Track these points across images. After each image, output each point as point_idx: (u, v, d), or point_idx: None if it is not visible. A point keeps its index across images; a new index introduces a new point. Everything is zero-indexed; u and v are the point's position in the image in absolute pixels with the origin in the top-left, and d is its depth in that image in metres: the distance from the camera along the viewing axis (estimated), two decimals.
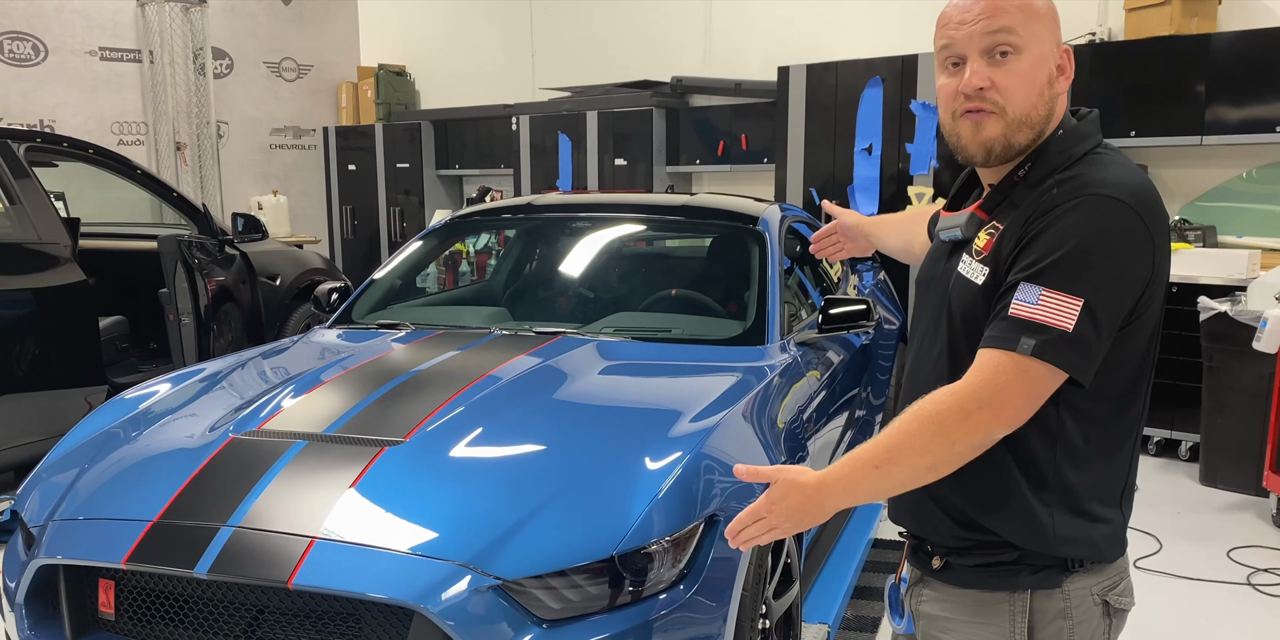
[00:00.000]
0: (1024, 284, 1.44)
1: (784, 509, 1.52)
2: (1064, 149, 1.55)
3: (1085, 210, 1.44)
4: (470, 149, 9.47)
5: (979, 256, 1.56)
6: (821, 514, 1.53)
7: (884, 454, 1.47)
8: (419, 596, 2.09)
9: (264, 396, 2.91)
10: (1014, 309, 1.44)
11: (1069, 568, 1.58)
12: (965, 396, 1.45)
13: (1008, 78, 1.51)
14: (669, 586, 2.28)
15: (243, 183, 9.95)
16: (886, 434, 1.49)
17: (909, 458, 1.46)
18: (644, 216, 4.41)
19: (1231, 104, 5.45)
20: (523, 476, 2.45)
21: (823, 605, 3.42)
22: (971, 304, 1.55)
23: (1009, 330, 1.44)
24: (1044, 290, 1.42)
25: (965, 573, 1.64)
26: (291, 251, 6.95)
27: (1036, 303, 1.42)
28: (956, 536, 1.63)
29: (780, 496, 1.51)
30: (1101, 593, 1.61)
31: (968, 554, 1.63)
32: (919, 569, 1.75)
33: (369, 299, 4.05)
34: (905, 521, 1.76)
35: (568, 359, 3.20)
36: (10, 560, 2.64)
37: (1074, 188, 1.48)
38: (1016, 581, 1.60)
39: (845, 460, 1.51)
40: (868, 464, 1.48)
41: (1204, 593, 3.89)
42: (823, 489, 1.50)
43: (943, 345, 1.61)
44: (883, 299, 5.23)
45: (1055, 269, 1.43)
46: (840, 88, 6.68)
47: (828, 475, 1.51)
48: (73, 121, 8.68)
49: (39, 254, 4.79)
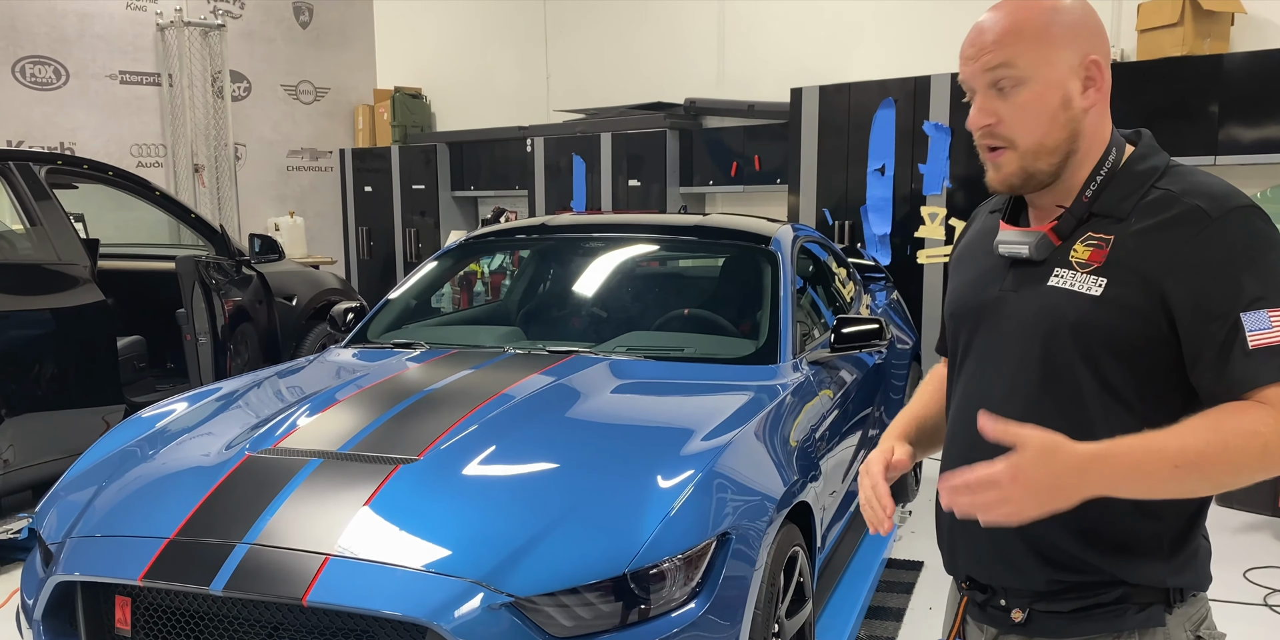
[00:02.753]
0: (1244, 315, 1.38)
1: (1031, 480, 1.26)
2: (1144, 163, 1.53)
3: (1248, 223, 1.42)
4: (485, 170, 9.53)
5: (1086, 268, 1.48)
6: (1073, 498, 1.29)
7: (1192, 457, 1.30)
8: (432, 614, 2.10)
9: (280, 415, 2.93)
10: (1255, 341, 1.37)
11: (1171, 602, 1.50)
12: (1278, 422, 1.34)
13: (1012, 111, 1.49)
14: (681, 605, 2.28)
15: (260, 204, 10.03)
16: (1196, 436, 1.32)
17: (1216, 470, 1.32)
18: (657, 237, 4.44)
19: (1245, 124, 5.46)
20: (535, 494, 2.46)
21: (836, 625, 3.41)
22: (1086, 317, 1.47)
23: (1266, 363, 1.36)
24: (1269, 312, 1.37)
25: (1059, 621, 1.52)
26: (308, 272, 7.00)
27: (1271, 326, 1.37)
28: (1050, 579, 1.52)
29: (1031, 464, 1.25)
30: (1194, 627, 1.53)
31: (1059, 599, 1.52)
32: (994, 627, 1.61)
33: (384, 319, 4.08)
34: (978, 571, 1.62)
35: (580, 378, 3.22)
36: (28, 577, 2.66)
37: (1211, 198, 1.44)
38: (1123, 622, 1.49)
39: (1135, 446, 1.31)
40: (1168, 461, 1.30)
41: (1220, 614, 3.82)
42: (1097, 464, 1.28)
43: (1030, 366, 1.52)
44: (895, 318, 5.24)
45: (1266, 288, 1.38)
46: (853, 109, 6.71)
47: (1108, 452, 1.29)
48: (93, 144, 8.77)
49: (59, 274, 4.85)
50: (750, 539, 2.48)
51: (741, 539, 2.45)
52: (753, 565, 2.46)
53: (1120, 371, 1.46)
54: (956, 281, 1.74)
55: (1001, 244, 1.59)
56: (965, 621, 1.68)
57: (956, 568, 1.66)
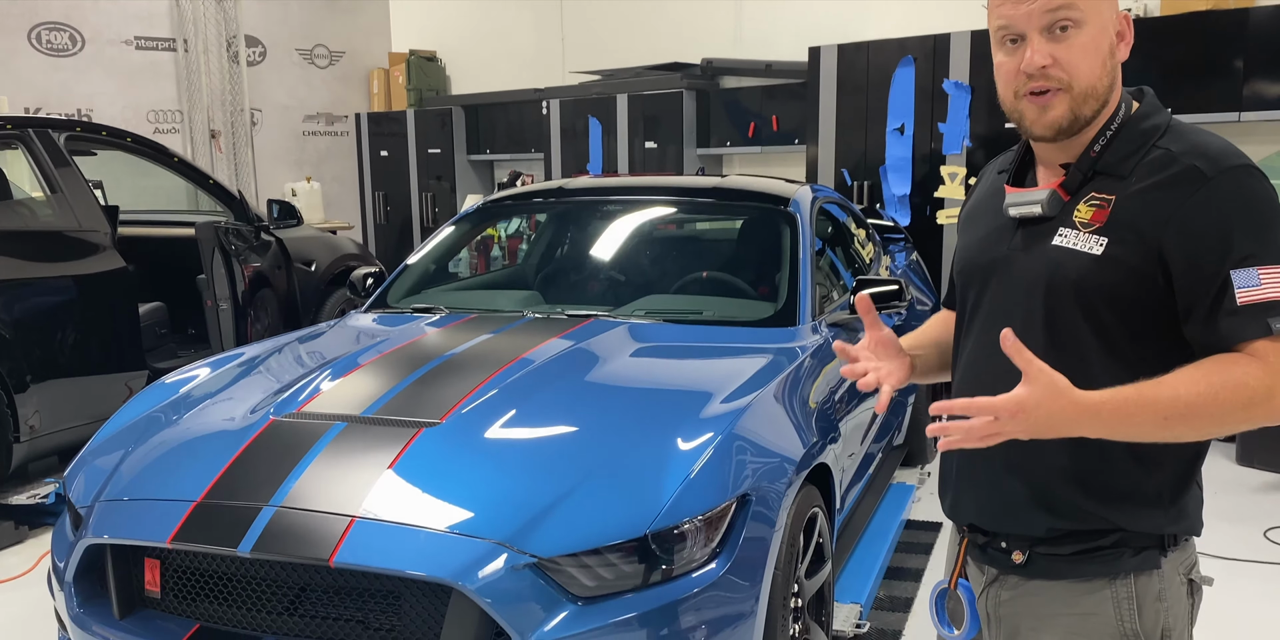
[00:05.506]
0: (1234, 272, 1.41)
1: (1034, 418, 1.34)
2: (1146, 121, 1.54)
3: (1245, 182, 1.45)
4: (501, 134, 9.49)
5: (1088, 228, 1.51)
6: (1062, 435, 1.38)
7: (1182, 408, 1.36)
8: (457, 574, 2.12)
9: (303, 380, 2.96)
10: (1243, 298, 1.41)
11: (1165, 547, 1.55)
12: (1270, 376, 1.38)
13: (1070, 52, 1.49)
14: (701, 565, 2.30)
15: (276, 169, 10.03)
16: (1187, 387, 1.37)
17: (1202, 420, 1.38)
18: (675, 199, 4.43)
19: (1270, 79, 5.38)
20: (557, 457, 2.48)
21: (855, 585, 3.44)
22: (1087, 276, 1.50)
23: (1252, 319, 1.40)
24: (1260, 270, 1.41)
25: (1057, 563, 1.58)
26: (326, 237, 7.01)
27: (1261, 283, 1.40)
28: (1050, 527, 1.57)
29: (1036, 403, 1.33)
30: (1186, 571, 1.58)
31: (1061, 543, 1.57)
32: (994, 567, 1.66)
33: (403, 284, 4.09)
34: (981, 518, 1.67)
35: (599, 342, 3.22)
36: (58, 541, 2.70)
37: (1209, 158, 1.46)
38: (1118, 565, 1.55)
39: (1129, 398, 1.37)
40: (1157, 413, 1.36)
41: (1241, 573, 3.87)
42: (1093, 414, 1.36)
43: (1035, 323, 1.55)
44: (915, 279, 5.22)
45: (1256, 246, 1.42)
46: (872, 68, 6.64)
47: (1105, 404, 1.36)
48: (110, 110, 8.77)
49: (80, 241, 4.88)
50: (770, 500, 2.49)
51: (761, 500, 2.47)
52: (772, 526, 2.48)
53: (1121, 329, 1.51)
54: (965, 240, 1.78)
55: (1011, 207, 1.62)
56: (966, 563, 1.73)
57: (959, 515, 1.72)
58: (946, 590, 1.76)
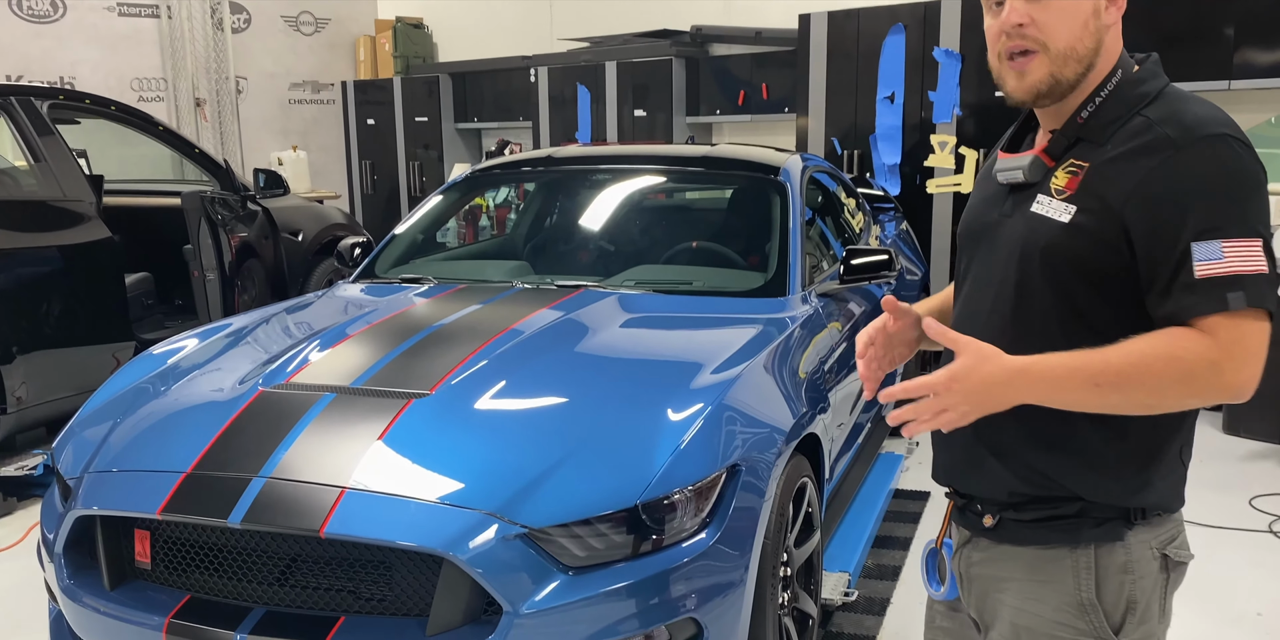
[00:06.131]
0: (1196, 244, 1.38)
1: (967, 387, 1.38)
2: (1138, 87, 1.52)
3: (1214, 152, 1.41)
4: (489, 102, 9.42)
5: (1061, 195, 1.51)
6: (1004, 404, 1.41)
7: (1112, 376, 1.37)
8: (448, 544, 2.13)
9: (291, 350, 2.94)
10: (1201, 271, 1.38)
11: (1131, 520, 1.54)
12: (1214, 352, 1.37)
13: (1047, 13, 1.49)
14: (692, 535, 2.31)
15: (262, 138, 9.95)
16: (1122, 356, 1.38)
17: (1136, 391, 1.38)
18: (665, 168, 4.40)
19: (1261, 47, 5.36)
20: (547, 428, 2.48)
21: (844, 554, 3.46)
22: (1055, 243, 1.51)
23: (1209, 293, 1.37)
24: (1223, 243, 1.38)
25: (1022, 529, 1.59)
26: (313, 207, 6.97)
27: (1223, 257, 1.37)
28: (1014, 491, 1.58)
29: (965, 372, 1.38)
30: (1161, 546, 1.57)
31: (1024, 509, 1.58)
32: (968, 529, 1.70)
33: (391, 254, 4.07)
34: (953, 480, 1.70)
35: (589, 312, 3.22)
36: (48, 512, 2.70)
37: (1183, 127, 1.43)
38: (1079, 536, 1.55)
39: (1059, 362, 1.39)
40: (1087, 379, 1.38)
41: (1226, 540, 3.91)
42: (1024, 376, 1.39)
43: (1008, 288, 1.57)
44: (905, 249, 5.22)
45: (1220, 218, 1.39)
46: (862, 35, 6.60)
47: (1032, 365, 1.39)
48: (92, 79, 8.67)
49: (64, 211, 4.83)
50: (760, 470, 2.50)
51: (751, 470, 2.47)
52: (762, 496, 2.49)
53: (1091, 298, 1.50)
54: (967, 206, 1.79)
55: (999, 172, 1.64)
56: (952, 524, 1.77)
57: (938, 476, 1.75)
58: (936, 550, 1.80)
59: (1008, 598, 1.63)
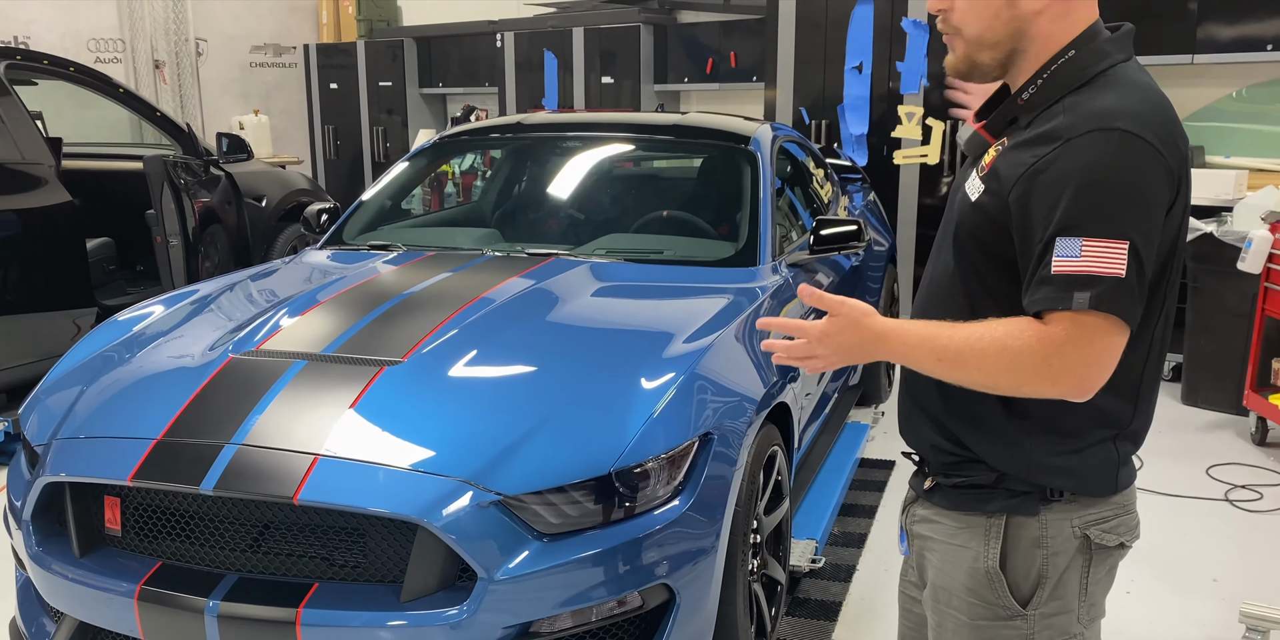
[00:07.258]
0: (1059, 239, 1.38)
1: (836, 344, 1.50)
2: (1077, 70, 1.50)
3: (1099, 146, 1.39)
4: (454, 67, 9.32)
5: (981, 173, 1.55)
6: (867, 359, 1.54)
7: (951, 354, 1.44)
8: (422, 511, 2.13)
9: (261, 317, 2.92)
10: (1057, 267, 1.38)
11: (1048, 497, 1.56)
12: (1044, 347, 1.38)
13: (961, 1, 1.55)
14: (664, 502, 2.33)
15: (223, 102, 9.79)
16: (965, 335, 1.43)
17: (970, 371, 1.44)
18: (635, 136, 4.38)
19: (1224, 21, 5.41)
20: (520, 396, 2.49)
21: (811, 521, 3.51)
22: (964, 221, 1.55)
23: (1058, 289, 1.38)
24: (1084, 241, 1.37)
25: (950, 494, 1.64)
26: (276, 172, 6.88)
27: (1080, 255, 1.37)
28: (943, 452, 1.64)
29: (837, 331, 1.49)
30: (1084, 526, 1.57)
31: (952, 473, 1.63)
32: (914, 490, 1.76)
33: (359, 220, 4.03)
34: (903, 434, 1.76)
35: (560, 281, 3.21)
36: (14, 479, 2.67)
37: (1081, 117, 1.43)
38: (992, 505, 1.58)
39: (916, 331, 1.47)
40: (930, 352, 1.46)
41: (1183, 509, 3.99)
42: (883, 342, 1.49)
43: (950, 259, 1.60)
44: (873, 220, 5.24)
45: (1087, 215, 1.37)
46: (831, 5, 6.58)
47: (892, 334, 1.48)
48: (48, 38, 8.48)
49: (23, 174, 4.74)
50: (731, 439, 2.52)
51: (722, 439, 2.49)
52: (733, 464, 2.51)
53: (998, 277, 1.53)
54: None
55: (963, 143, 1.71)
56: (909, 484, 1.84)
57: (902, 433, 1.78)
58: None
59: (933, 558, 1.69)
